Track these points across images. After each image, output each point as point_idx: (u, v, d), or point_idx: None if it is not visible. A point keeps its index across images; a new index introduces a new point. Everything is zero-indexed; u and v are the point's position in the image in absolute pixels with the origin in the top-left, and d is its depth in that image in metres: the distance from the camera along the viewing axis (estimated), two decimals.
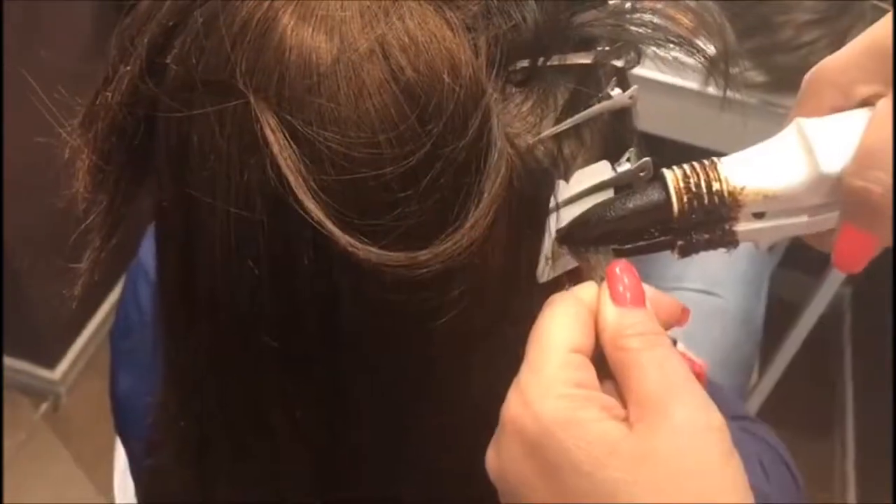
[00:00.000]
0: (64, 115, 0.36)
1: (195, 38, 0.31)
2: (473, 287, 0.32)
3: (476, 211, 0.30)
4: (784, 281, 1.26)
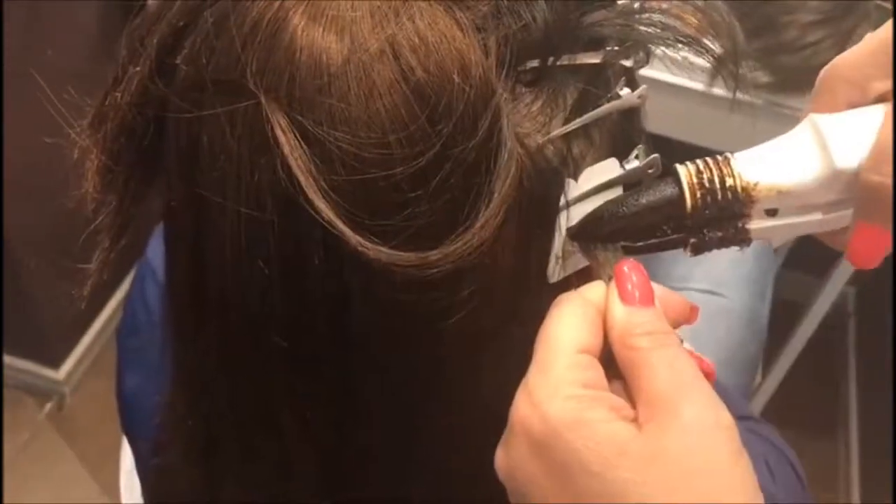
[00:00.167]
0: (71, 115, 0.36)
1: (205, 38, 0.31)
2: (483, 287, 0.32)
3: (486, 211, 0.30)
4: (788, 281, 1.26)
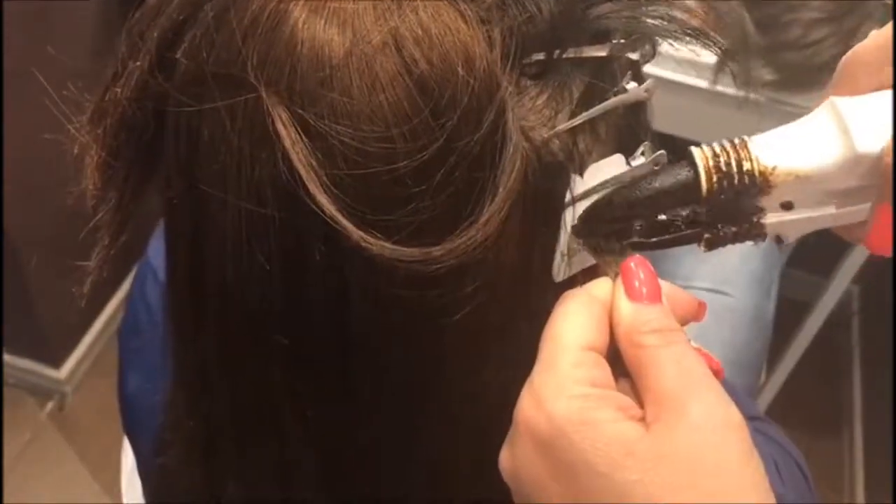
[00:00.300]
0: (72, 111, 0.36)
1: (206, 31, 0.31)
2: (487, 283, 0.32)
3: (491, 206, 0.29)
4: (792, 280, 1.26)
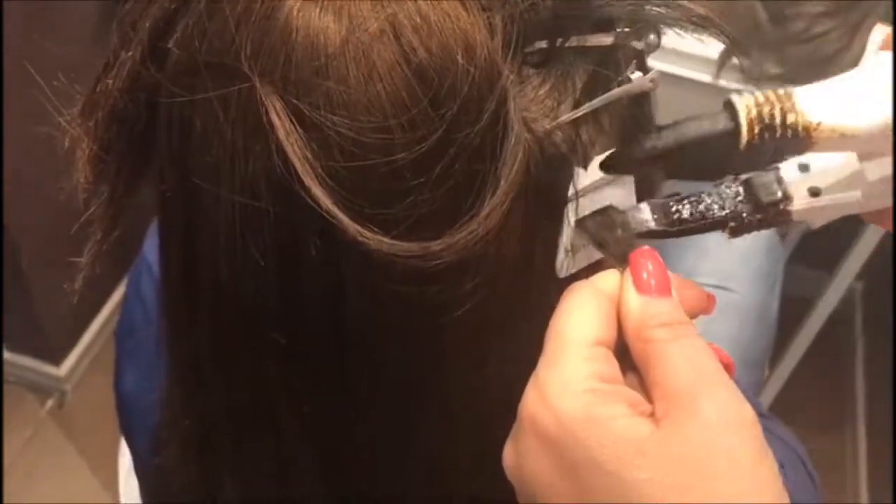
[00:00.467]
0: (68, 105, 0.35)
1: (198, 20, 0.30)
2: (488, 279, 0.31)
3: (492, 199, 0.29)
4: (795, 276, 1.25)
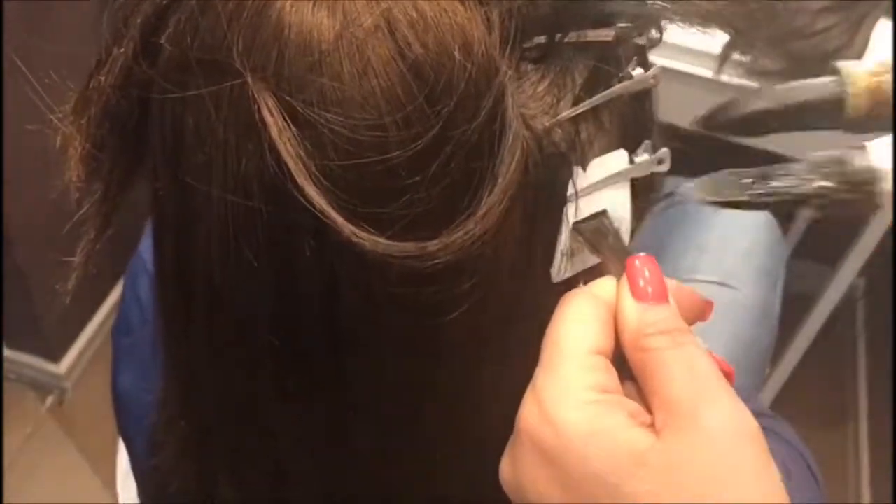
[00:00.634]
0: (63, 102, 0.35)
1: (190, 16, 0.30)
2: (485, 281, 0.30)
3: (489, 198, 0.28)
4: (797, 272, 1.24)
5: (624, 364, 0.30)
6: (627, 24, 0.31)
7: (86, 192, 0.35)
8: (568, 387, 0.28)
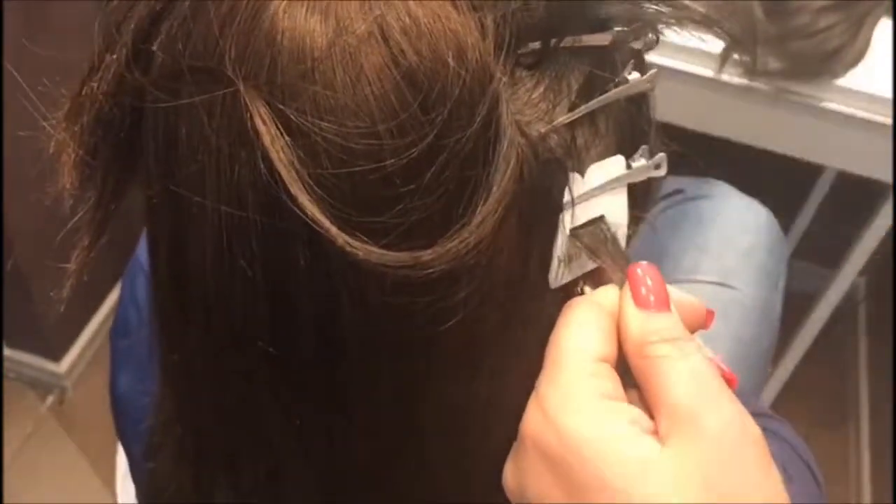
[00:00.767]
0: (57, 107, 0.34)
1: (182, 22, 0.29)
2: (481, 288, 0.30)
3: (484, 206, 0.28)
4: (798, 272, 1.24)
5: (627, 372, 0.30)
6: (623, 29, 0.31)
7: (79, 199, 0.35)
8: (572, 393, 0.28)
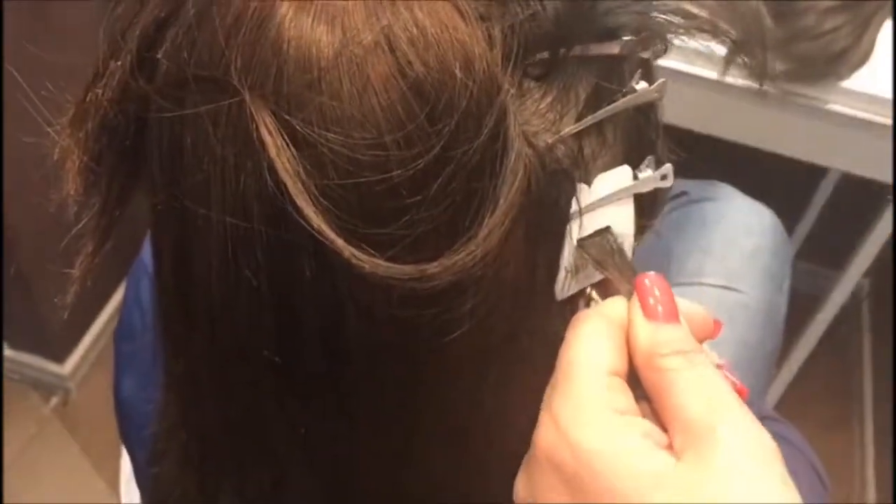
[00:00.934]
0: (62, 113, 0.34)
1: (187, 30, 0.29)
2: (487, 300, 0.30)
3: (491, 218, 0.27)
4: (802, 273, 1.24)
5: (637, 383, 0.30)
6: (632, 38, 0.31)
7: (84, 205, 0.35)
8: (585, 407, 0.28)
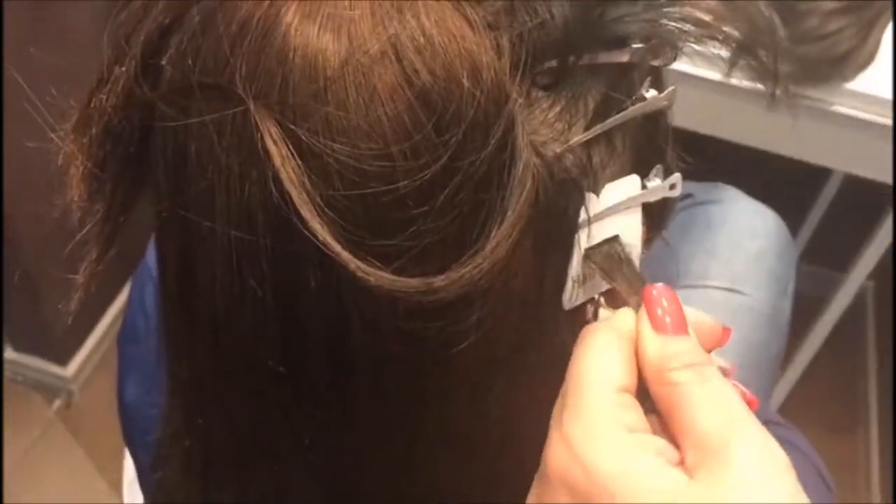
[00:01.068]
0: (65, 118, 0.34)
1: (192, 37, 0.29)
2: (494, 312, 0.30)
3: (498, 231, 0.27)
4: (807, 275, 1.24)
5: (646, 396, 0.29)
6: (641, 46, 0.30)
7: (88, 211, 0.35)
8: (596, 426, 0.28)
